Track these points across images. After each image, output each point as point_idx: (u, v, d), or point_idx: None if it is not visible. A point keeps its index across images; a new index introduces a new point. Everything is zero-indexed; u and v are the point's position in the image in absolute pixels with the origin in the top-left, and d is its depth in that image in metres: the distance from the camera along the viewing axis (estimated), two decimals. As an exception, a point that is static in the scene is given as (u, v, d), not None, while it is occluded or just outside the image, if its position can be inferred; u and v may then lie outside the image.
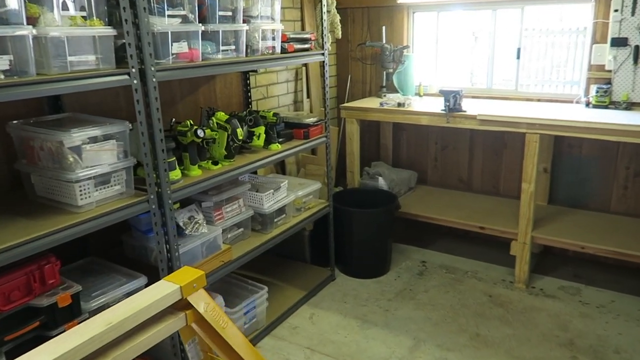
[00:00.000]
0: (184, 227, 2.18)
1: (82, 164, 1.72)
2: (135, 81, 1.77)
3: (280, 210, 2.70)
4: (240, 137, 2.24)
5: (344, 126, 3.58)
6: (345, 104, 3.49)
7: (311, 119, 2.84)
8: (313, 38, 2.75)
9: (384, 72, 3.76)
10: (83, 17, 1.64)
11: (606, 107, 2.99)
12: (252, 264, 3.17)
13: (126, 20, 1.70)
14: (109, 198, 1.83)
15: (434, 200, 3.57)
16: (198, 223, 2.23)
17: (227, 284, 2.72)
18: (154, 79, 1.83)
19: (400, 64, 3.67)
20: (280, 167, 3.69)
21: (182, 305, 1.39)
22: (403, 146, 4.01)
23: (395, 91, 3.74)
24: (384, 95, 3.70)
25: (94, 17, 1.66)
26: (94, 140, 1.77)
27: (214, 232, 2.25)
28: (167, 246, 2.00)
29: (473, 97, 3.57)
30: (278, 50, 2.51)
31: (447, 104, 2.97)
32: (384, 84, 3.79)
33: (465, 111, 3.02)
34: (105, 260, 2.14)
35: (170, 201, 1.96)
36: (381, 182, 3.45)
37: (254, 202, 2.58)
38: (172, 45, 1.91)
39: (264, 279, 3.10)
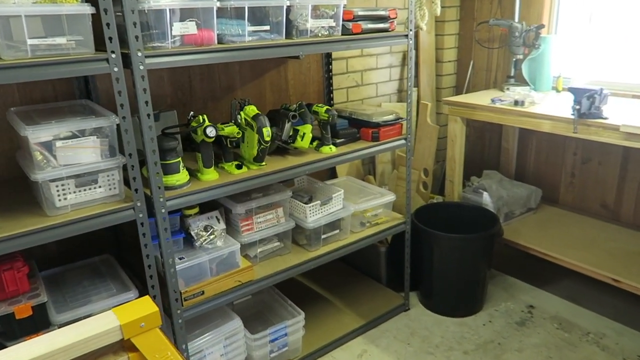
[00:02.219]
0: (195, 238, 1.89)
1: (54, 162, 1.51)
2: (115, 69, 1.49)
3: (332, 225, 2.25)
4: (268, 138, 1.84)
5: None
6: (449, 98, 2.82)
7: (386, 116, 2.30)
8: (393, 16, 2.18)
9: (513, 59, 2.97)
10: (51, -8, 1.40)
11: None
12: (316, 271, 2.83)
13: (103, -5, 1.42)
14: (92, 201, 1.61)
15: (557, 230, 2.73)
16: (214, 234, 1.92)
17: (260, 302, 2.39)
18: (142, 67, 1.53)
19: (534, 49, 2.84)
20: (372, 167, 3.20)
21: (128, 345, 1.13)
22: (530, 153, 3.17)
23: (525, 83, 2.93)
24: (507, 89, 2.92)
25: (63, -8, 1.41)
26: (75, 135, 1.55)
27: (230, 247, 1.91)
28: (162, 259, 1.72)
29: (634, 96, 2.60)
30: (338, 31, 2.02)
31: (577, 107, 2.14)
32: (512, 74, 3.00)
33: (606, 118, 2.16)
34: (116, 262, 1.97)
35: (163, 210, 1.68)
36: (485, 199, 2.74)
37: (298, 212, 2.17)
38: (171, 25, 1.58)
39: (322, 294, 2.71)
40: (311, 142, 2.11)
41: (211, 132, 1.74)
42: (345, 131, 2.23)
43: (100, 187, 1.62)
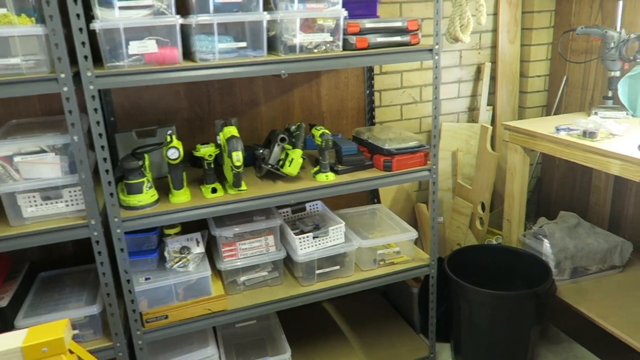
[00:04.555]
0: (167, 259, 1.84)
1: (14, 175, 1.58)
2: (65, 89, 1.49)
3: (332, 260, 2.02)
4: (238, 163, 1.70)
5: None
6: (508, 122, 2.35)
7: (404, 143, 1.99)
8: (413, 27, 1.87)
9: (608, 75, 2.37)
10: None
11: None
12: (347, 301, 2.62)
13: (51, 16, 1.42)
14: (57, 215, 1.65)
15: (637, 297, 2.10)
16: (187, 258, 1.85)
17: (265, 329, 2.26)
18: (92, 87, 1.51)
19: (635, 64, 2.23)
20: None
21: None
22: (630, 195, 2.51)
23: (624, 107, 2.32)
24: (595, 113, 2.35)
25: (16, 14, 1.45)
26: (43, 150, 1.61)
27: (200, 273, 1.82)
28: (122, 279, 1.71)
29: None
30: (338, 46, 1.80)
31: (648, 146, 1.60)
32: (609, 94, 2.40)
33: (697, 163, 1.58)
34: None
35: (118, 230, 1.65)
36: (546, 248, 2.23)
37: (291, 243, 2.00)
38: (127, 44, 1.54)
39: (342, 327, 2.47)
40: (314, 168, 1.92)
41: (173, 154, 1.67)
42: (351, 158, 1.98)
43: (65, 202, 1.65)
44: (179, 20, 1.57)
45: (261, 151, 1.93)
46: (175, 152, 1.67)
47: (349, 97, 2.51)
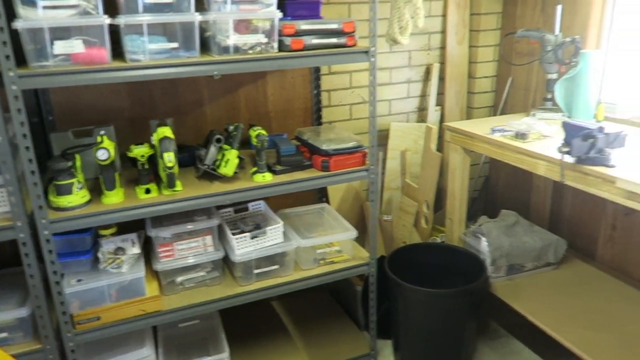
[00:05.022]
0: (101, 260, 1.83)
1: None
2: (-17, 89, 1.47)
3: (270, 260, 2.03)
4: (170, 164, 1.70)
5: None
6: (450, 123, 2.40)
7: (341, 144, 2.01)
8: (348, 30, 1.89)
9: (546, 78, 2.44)
10: None
11: None
12: (297, 299, 2.64)
13: (-32, 15, 1.40)
14: (-16, 216, 1.63)
15: (572, 296, 2.17)
16: (121, 259, 1.84)
17: (208, 329, 2.26)
18: (14, 87, 1.48)
19: (572, 67, 2.30)
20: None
21: None
22: (568, 195, 2.59)
23: (560, 108, 2.39)
24: (533, 114, 2.42)
25: None
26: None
27: (134, 274, 1.82)
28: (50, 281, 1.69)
29: (693, 135, 1.96)
30: (274, 47, 1.80)
31: (566, 150, 1.65)
32: (548, 96, 2.47)
33: (612, 166, 1.64)
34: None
35: (46, 231, 1.63)
36: (484, 246, 2.29)
37: (230, 242, 2.00)
38: (52, 44, 1.52)
39: (288, 326, 2.49)
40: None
41: (102, 155, 1.66)
42: (289, 158, 2.00)
43: (-9, 203, 1.63)
44: (106, 20, 1.56)
45: (199, 152, 1.93)
46: (104, 153, 1.66)
47: (295, 97, 2.52)
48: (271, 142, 2.13)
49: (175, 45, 1.68)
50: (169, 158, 1.70)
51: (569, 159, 1.71)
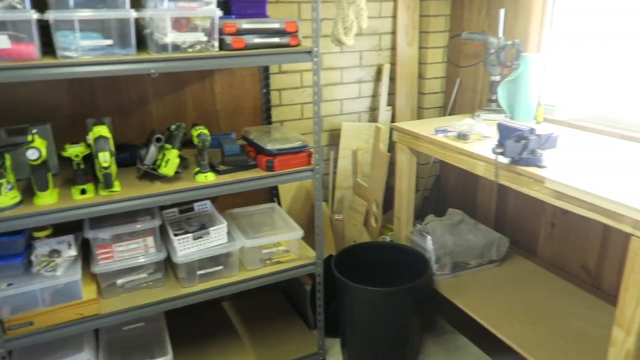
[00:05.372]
0: (34, 263, 1.77)
1: None
2: None
3: (215, 260, 2.01)
4: (105, 164, 1.66)
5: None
6: (396, 123, 2.43)
7: (286, 144, 2.01)
8: (291, 29, 1.88)
9: (490, 80, 2.50)
10: None
11: None
12: (248, 300, 2.63)
13: None
14: None
15: (512, 293, 2.24)
16: (55, 261, 1.78)
17: (153, 331, 2.22)
18: None
19: (514, 70, 2.36)
20: (331, 192, 2.89)
21: None
22: (511, 195, 2.66)
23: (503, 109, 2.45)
24: (478, 115, 2.47)
25: None
26: None
27: (69, 277, 1.77)
28: (-21, 286, 1.63)
29: (625, 137, 2.04)
30: (214, 46, 1.78)
31: (500, 150, 1.70)
32: (493, 97, 2.53)
33: (543, 167, 1.70)
34: None
35: (-30, 235, 1.57)
36: (429, 245, 2.33)
37: (171, 243, 1.97)
38: (-26, 39, 1.46)
39: (238, 327, 2.47)
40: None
41: (32, 154, 1.60)
42: (233, 158, 1.98)
43: None
44: (33, 15, 1.50)
45: (140, 152, 1.89)
46: (34, 152, 1.60)
47: (244, 96, 2.50)
48: (216, 141, 2.11)
49: (110, 42, 1.63)
50: (104, 158, 1.66)
51: (503, 159, 1.75)
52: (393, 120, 2.96)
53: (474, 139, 2.07)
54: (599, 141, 2.02)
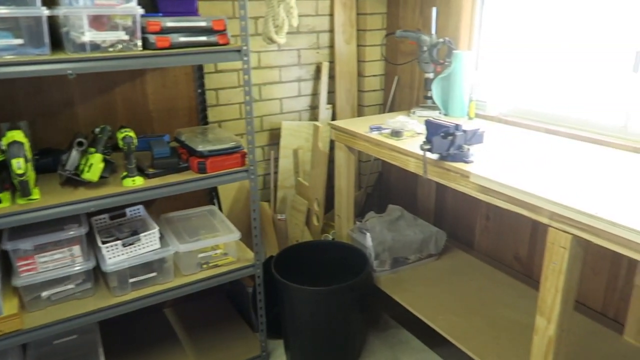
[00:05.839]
0: (-54, 279, 1.66)
1: None
2: None
3: (148, 267, 1.95)
4: (19, 171, 1.57)
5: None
6: (333, 122, 2.44)
7: (218, 145, 1.97)
8: (219, 27, 1.85)
9: (424, 77, 2.54)
10: None
11: None
12: (191, 305, 2.57)
13: None
14: None
15: (449, 285, 2.29)
16: (-30, 275, 1.68)
17: (88, 343, 2.13)
18: None
19: (446, 67, 2.41)
20: (273, 192, 2.86)
21: None
22: (449, 190, 2.72)
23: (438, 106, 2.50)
24: (413, 112, 2.51)
25: None
26: None
27: (-15, 292, 1.67)
28: None
29: (548, 131, 2.12)
30: (137, 45, 1.72)
31: (427, 147, 1.72)
32: (428, 94, 2.57)
33: (469, 162, 1.74)
34: None
35: None
36: (368, 242, 2.34)
37: (100, 252, 1.89)
38: None
39: (179, 333, 2.41)
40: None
41: (-64, 162, 1.50)
42: (163, 161, 1.92)
43: None
44: None
45: (63, 157, 1.81)
46: (-62, 160, 1.50)
47: (179, 96, 2.43)
48: (146, 144, 2.05)
49: (20, 41, 1.55)
50: (19, 165, 1.57)
51: (432, 155, 1.78)
52: (334, 118, 2.97)
53: (407, 136, 2.09)
54: (525, 135, 2.09)
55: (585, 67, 2.04)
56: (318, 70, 2.90)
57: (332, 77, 2.93)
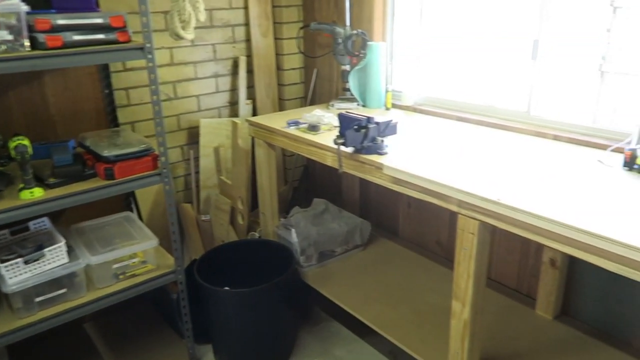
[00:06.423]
0: None
1: None
2: None
3: (56, 283, 1.82)
4: None
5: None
6: (251, 118, 2.39)
7: (126, 149, 1.86)
8: (118, 24, 1.74)
9: (341, 69, 2.54)
10: None
11: (662, 175, 1.46)
12: (114, 315, 2.47)
13: None
14: None
15: (374, 275, 2.32)
16: None
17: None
18: None
19: (362, 59, 2.42)
20: (196, 192, 2.77)
21: None
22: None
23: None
24: (332, 105, 2.51)
25: None
26: None
27: None
28: None
29: (459, 119, 2.19)
30: (23, 45, 1.58)
31: (341, 141, 1.72)
32: (347, 86, 2.57)
33: (385, 154, 1.75)
34: None
35: None
36: (294, 238, 2.32)
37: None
38: None
39: (100, 348, 2.29)
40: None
41: None
42: (65, 169, 1.79)
43: None
44: None
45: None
46: None
47: (84, 98, 2.28)
48: (46, 151, 1.90)
49: None
50: None
51: (347, 149, 1.78)
52: (255, 113, 2.91)
53: (324, 130, 2.08)
54: (438, 123, 2.15)
55: (490, 56, 2.12)
56: (235, 65, 2.83)
57: (250, 72, 2.86)
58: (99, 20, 1.70)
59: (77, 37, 1.67)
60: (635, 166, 1.52)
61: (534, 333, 1.92)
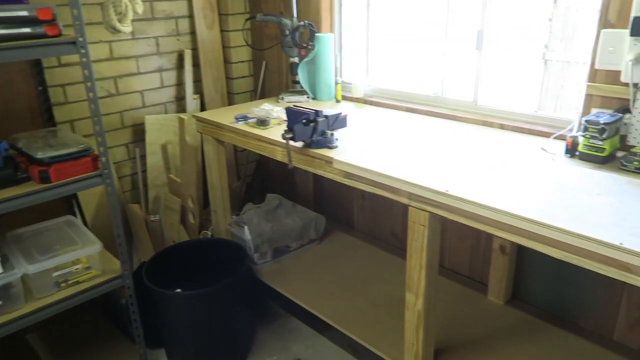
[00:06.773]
0: None
1: None
2: None
3: (-10, 296, 1.70)
4: None
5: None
6: (197, 114, 2.32)
7: (67, 149, 1.75)
8: (45, 17, 1.62)
9: (289, 61, 2.49)
10: None
11: (601, 161, 1.50)
12: (51, 327, 2.35)
13: None
14: None
15: (329, 269, 2.31)
16: None
17: None
18: None
19: (310, 50, 2.38)
20: (144, 192, 2.66)
21: None
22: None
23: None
24: (281, 98, 2.46)
25: None
26: None
27: None
28: None
29: (409, 110, 2.19)
30: (-62, 41, 1.45)
31: (289, 136, 1.68)
32: (296, 78, 2.52)
33: (335, 147, 1.73)
34: None
35: None
36: (247, 235, 2.27)
37: None
38: None
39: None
40: None
41: None
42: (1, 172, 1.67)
43: None
44: None
45: None
46: None
47: (16, 97, 2.14)
48: (-27, 155, 1.76)
49: None
50: None
51: (296, 143, 1.74)
52: (203, 108, 2.82)
53: (274, 124, 2.03)
54: (388, 115, 2.14)
55: (437, 47, 2.13)
56: (181, 59, 2.72)
57: (197, 65, 2.77)
58: (23, 13, 1.58)
59: (3, 31, 1.54)
60: (577, 153, 1.56)
61: (487, 319, 1.95)
